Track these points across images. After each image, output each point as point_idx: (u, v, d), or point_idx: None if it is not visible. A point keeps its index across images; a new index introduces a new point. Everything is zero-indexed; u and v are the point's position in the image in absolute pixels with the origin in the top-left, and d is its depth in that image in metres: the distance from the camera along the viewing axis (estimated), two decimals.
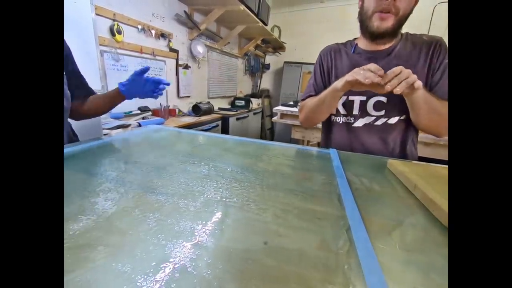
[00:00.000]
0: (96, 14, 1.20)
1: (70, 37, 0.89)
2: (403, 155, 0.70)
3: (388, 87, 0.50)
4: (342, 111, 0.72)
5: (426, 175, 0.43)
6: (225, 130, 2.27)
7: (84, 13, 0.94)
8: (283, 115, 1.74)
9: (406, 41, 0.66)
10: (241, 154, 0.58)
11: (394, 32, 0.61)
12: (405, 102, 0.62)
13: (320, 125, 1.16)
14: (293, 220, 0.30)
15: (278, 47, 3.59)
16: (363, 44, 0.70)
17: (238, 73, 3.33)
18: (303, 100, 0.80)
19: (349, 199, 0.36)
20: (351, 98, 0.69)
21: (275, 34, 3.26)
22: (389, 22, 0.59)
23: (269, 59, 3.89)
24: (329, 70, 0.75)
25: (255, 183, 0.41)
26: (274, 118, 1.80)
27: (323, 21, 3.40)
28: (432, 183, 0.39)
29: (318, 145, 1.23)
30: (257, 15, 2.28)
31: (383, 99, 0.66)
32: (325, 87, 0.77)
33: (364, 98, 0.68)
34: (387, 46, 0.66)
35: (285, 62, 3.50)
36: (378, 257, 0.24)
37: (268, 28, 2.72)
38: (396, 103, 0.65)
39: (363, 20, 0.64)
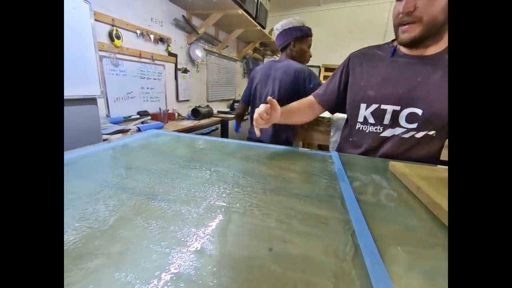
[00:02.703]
0: (95, 20, 1.21)
1: (70, 43, 0.89)
2: None
3: None
4: (370, 120, 0.66)
5: (428, 177, 0.43)
6: (224, 133, 2.27)
7: (83, 19, 0.94)
8: None
9: None
10: (242, 158, 0.58)
11: (424, 38, 0.56)
12: (442, 117, 0.57)
13: (318, 127, 1.15)
14: (297, 225, 0.30)
15: (276, 50, 3.61)
16: (404, 47, 0.63)
17: (237, 76, 3.34)
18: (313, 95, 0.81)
19: (353, 203, 0.36)
20: (383, 107, 0.63)
21: (273, 37, 3.28)
22: (413, 32, 0.55)
23: None
24: (356, 76, 0.70)
25: (257, 187, 0.41)
26: None
27: (320, 24, 3.43)
28: (435, 185, 0.39)
29: (319, 147, 1.23)
30: (255, 19, 2.29)
31: (418, 111, 0.59)
32: (338, 91, 0.75)
33: (398, 108, 0.61)
34: (434, 51, 0.59)
35: None
36: (384, 262, 0.24)
37: (266, 31, 2.74)
38: (431, 117, 0.59)
39: (394, 30, 0.61)
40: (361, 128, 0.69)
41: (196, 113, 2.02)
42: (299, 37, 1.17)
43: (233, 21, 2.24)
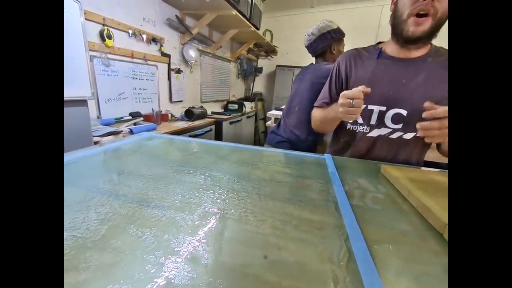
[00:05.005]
0: (86, 19, 1.18)
1: None
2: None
3: (420, 132, 0.46)
4: (359, 120, 0.68)
5: (419, 181, 0.44)
6: (218, 134, 2.26)
7: (72, 17, 0.92)
8: (277, 120, 1.75)
9: (438, 53, 0.62)
10: (237, 162, 0.58)
11: (430, 36, 0.57)
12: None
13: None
14: (292, 231, 0.30)
15: (270, 51, 3.62)
16: (391, 49, 0.66)
17: (231, 77, 3.33)
18: (316, 106, 0.79)
19: (346, 208, 0.36)
20: (370, 107, 0.66)
21: (267, 38, 3.28)
22: (425, 26, 0.55)
23: (261, 62, 3.92)
24: (347, 77, 0.71)
25: (252, 192, 0.41)
26: (268, 123, 1.81)
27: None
28: (426, 189, 0.40)
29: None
30: (249, 20, 2.29)
31: (403, 111, 0.62)
32: (338, 95, 0.74)
33: (384, 108, 0.64)
34: (418, 54, 0.62)
35: (277, 66, 3.53)
36: (377, 267, 0.24)
37: (260, 32, 2.74)
38: (416, 118, 0.59)
39: (397, 24, 0.60)
40: (351, 128, 0.71)
41: (189, 114, 2.00)
42: (338, 39, 1.13)
43: (227, 22, 2.23)
